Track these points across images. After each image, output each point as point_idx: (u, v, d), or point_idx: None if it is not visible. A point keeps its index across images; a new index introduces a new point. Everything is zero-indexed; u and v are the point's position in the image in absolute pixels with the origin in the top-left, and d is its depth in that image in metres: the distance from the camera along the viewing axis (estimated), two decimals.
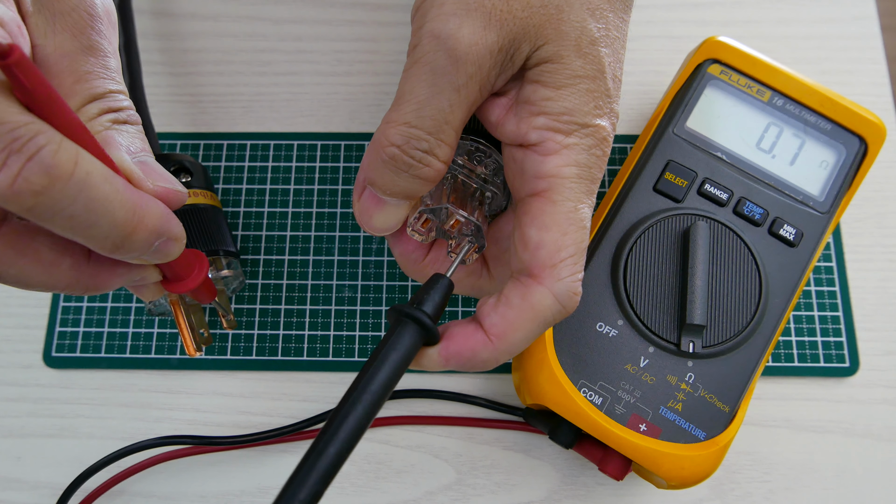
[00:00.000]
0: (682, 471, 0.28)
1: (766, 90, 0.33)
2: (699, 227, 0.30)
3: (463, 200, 0.26)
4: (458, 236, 0.26)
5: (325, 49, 0.40)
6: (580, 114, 0.24)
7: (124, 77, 0.34)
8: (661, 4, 0.41)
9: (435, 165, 0.23)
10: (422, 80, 0.23)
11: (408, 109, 0.23)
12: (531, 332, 0.23)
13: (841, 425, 0.34)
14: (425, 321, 0.22)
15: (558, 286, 0.23)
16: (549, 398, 0.28)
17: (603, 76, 0.24)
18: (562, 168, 0.23)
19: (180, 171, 0.33)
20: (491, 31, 0.22)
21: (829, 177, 0.32)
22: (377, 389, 0.21)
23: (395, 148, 0.23)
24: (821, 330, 0.35)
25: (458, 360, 0.24)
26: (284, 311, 0.35)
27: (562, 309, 0.23)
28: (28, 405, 0.35)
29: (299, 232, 0.36)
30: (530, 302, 0.23)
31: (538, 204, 0.24)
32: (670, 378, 0.29)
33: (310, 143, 0.38)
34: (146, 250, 0.21)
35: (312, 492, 0.19)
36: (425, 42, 0.23)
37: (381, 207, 0.25)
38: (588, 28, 0.24)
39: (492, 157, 0.27)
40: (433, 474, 0.33)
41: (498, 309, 0.24)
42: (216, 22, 0.41)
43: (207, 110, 0.39)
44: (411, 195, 0.24)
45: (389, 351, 0.22)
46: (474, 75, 0.22)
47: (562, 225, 0.23)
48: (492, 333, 0.23)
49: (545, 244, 0.23)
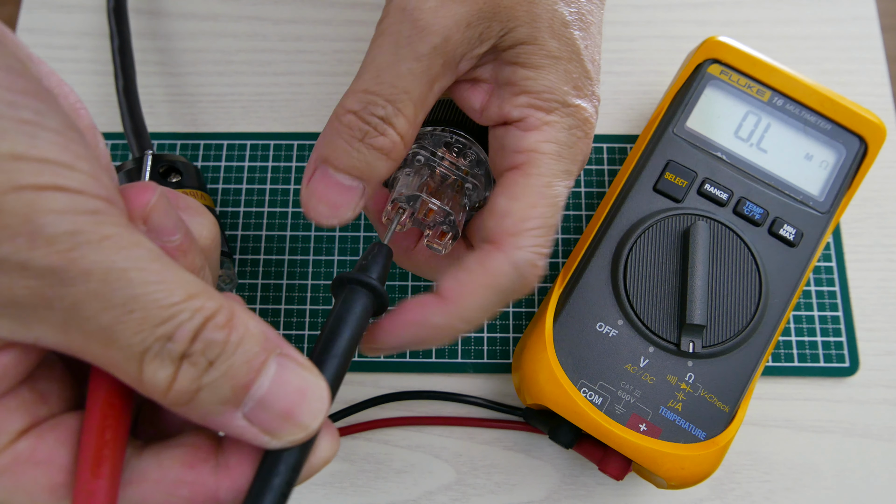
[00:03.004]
0: (682, 471, 0.28)
1: (766, 90, 0.33)
2: (699, 227, 0.30)
3: (440, 191, 0.26)
4: (434, 226, 0.26)
5: (325, 49, 0.40)
6: (561, 92, 0.24)
7: (118, 79, 0.34)
8: (661, 4, 0.41)
9: (391, 136, 0.22)
10: (384, 49, 0.22)
11: (367, 77, 0.22)
12: (486, 298, 0.23)
13: (841, 425, 0.34)
14: (374, 283, 0.22)
15: (518, 254, 0.23)
16: (549, 398, 0.28)
17: (579, 58, 0.24)
18: (541, 143, 0.24)
19: (171, 172, 0.33)
20: (460, 6, 0.22)
21: (829, 177, 0.32)
22: (340, 354, 0.20)
23: (351, 115, 0.22)
24: (821, 330, 0.35)
25: (408, 328, 0.23)
26: (284, 310, 0.35)
27: (519, 279, 0.23)
28: None
29: (299, 232, 0.36)
30: (487, 267, 0.23)
31: (513, 176, 0.24)
32: (670, 378, 0.29)
33: (310, 144, 0.38)
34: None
35: (294, 461, 0.18)
36: (392, 14, 0.22)
37: (332, 188, 0.22)
38: (559, 11, 0.24)
39: (472, 150, 0.28)
40: (433, 474, 0.33)
41: (454, 273, 0.23)
42: (216, 22, 0.41)
43: (207, 110, 0.39)
44: (366, 172, 0.22)
45: (344, 317, 0.21)
46: (438, 46, 0.22)
47: (532, 197, 0.23)
48: (445, 297, 0.23)
49: (511, 213, 0.23)
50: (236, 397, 0.17)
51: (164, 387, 0.16)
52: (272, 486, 0.18)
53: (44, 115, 0.16)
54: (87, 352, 0.16)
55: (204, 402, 0.17)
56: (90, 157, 0.16)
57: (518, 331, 0.35)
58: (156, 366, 0.16)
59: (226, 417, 0.17)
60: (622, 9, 0.41)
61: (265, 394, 0.17)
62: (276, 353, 0.17)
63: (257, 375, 0.17)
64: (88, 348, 0.16)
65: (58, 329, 0.16)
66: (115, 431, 0.17)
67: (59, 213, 0.15)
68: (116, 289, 0.15)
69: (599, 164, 0.38)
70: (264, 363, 0.17)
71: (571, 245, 0.36)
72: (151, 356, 0.16)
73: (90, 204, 0.16)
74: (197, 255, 0.20)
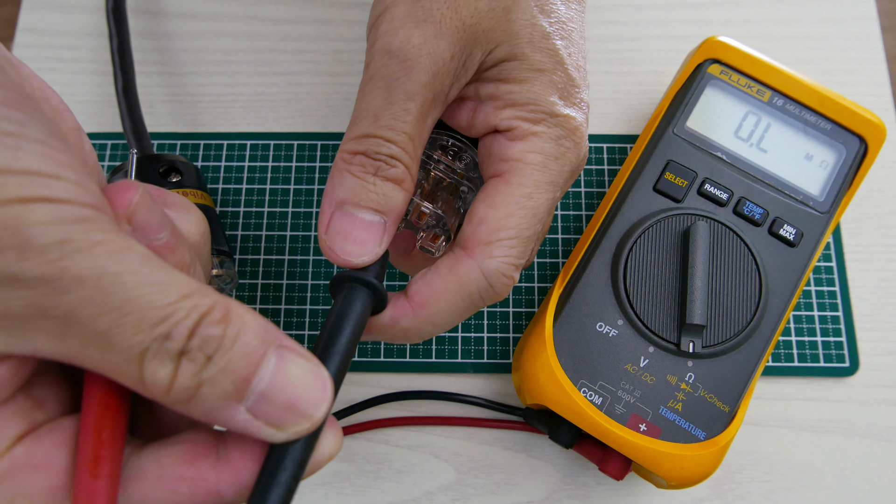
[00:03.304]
0: (682, 471, 0.28)
1: (766, 90, 0.33)
2: (699, 227, 0.30)
3: (434, 194, 0.26)
4: (427, 228, 0.26)
5: (325, 49, 0.40)
6: (547, 103, 0.24)
7: (117, 79, 0.34)
8: (661, 4, 0.41)
9: (401, 168, 0.23)
10: (376, 93, 0.22)
11: (364, 123, 0.23)
12: (454, 304, 0.23)
13: (841, 425, 0.34)
14: (373, 281, 0.22)
15: (488, 263, 0.23)
16: (549, 398, 0.28)
17: (563, 67, 0.24)
18: (526, 154, 0.24)
19: (171, 172, 0.33)
20: (442, 40, 0.22)
21: (829, 177, 0.32)
22: (342, 350, 0.20)
23: (359, 156, 0.22)
24: (821, 330, 0.35)
25: (378, 329, 0.23)
26: (284, 311, 0.35)
27: (488, 288, 0.23)
28: None
29: (299, 232, 0.36)
30: (457, 273, 0.23)
31: (495, 184, 0.24)
32: (670, 378, 0.29)
33: (310, 143, 0.38)
34: None
35: (300, 456, 0.18)
36: (378, 58, 0.23)
37: (356, 226, 0.22)
38: (538, 24, 0.24)
39: (468, 153, 0.28)
40: (433, 474, 0.33)
41: (425, 277, 0.23)
42: (216, 22, 0.41)
43: (207, 110, 0.39)
44: (386, 205, 0.23)
45: (345, 314, 0.21)
46: (428, 84, 0.22)
47: (510, 206, 0.23)
48: (413, 301, 0.23)
49: (487, 221, 0.23)
50: (238, 391, 0.17)
51: (166, 385, 0.16)
52: (279, 482, 0.18)
53: (25, 126, 0.16)
54: (85, 358, 0.16)
55: (206, 398, 0.17)
56: (75, 165, 0.16)
57: (518, 331, 0.35)
58: (155, 365, 0.16)
59: (229, 412, 0.17)
60: (622, 9, 0.41)
61: (267, 386, 0.17)
62: (276, 346, 0.17)
63: (257, 368, 0.17)
64: (87, 354, 0.16)
65: (55, 338, 0.16)
66: (112, 431, 0.17)
67: (47, 224, 0.15)
68: (111, 293, 0.15)
69: (599, 164, 0.38)
70: (263, 356, 0.17)
71: (571, 245, 0.36)
72: (150, 356, 0.16)
73: (77, 212, 0.16)
74: (186, 251, 0.20)
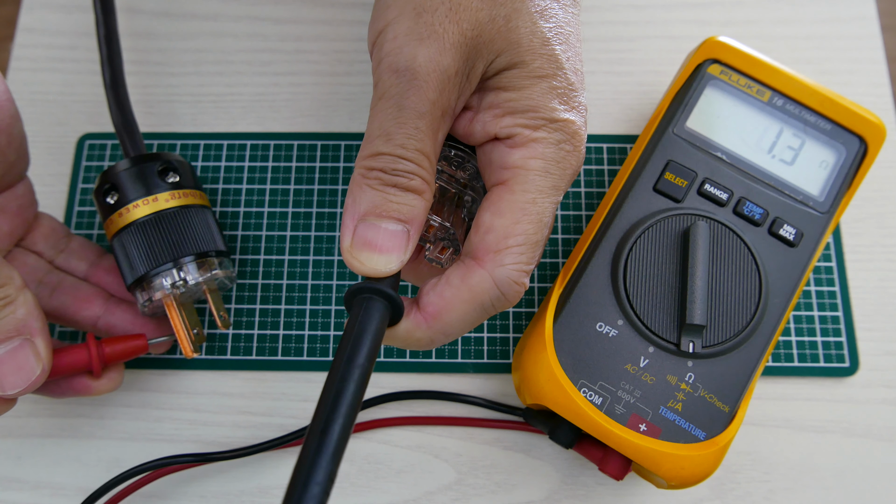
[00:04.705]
0: (682, 471, 0.28)
1: (766, 90, 0.33)
2: (699, 227, 0.30)
3: (440, 205, 0.26)
4: (435, 241, 0.27)
5: (325, 49, 0.40)
6: (546, 109, 0.24)
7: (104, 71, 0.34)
8: (661, 4, 0.41)
9: (418, 181, 0.23)
10: (388, 113, 0.23)
11: (378, 142, 0.23)
12: (467, 314, 0.23)
13: (841, 425, 0.34)
14: (391, 293, 0.22)
15: (499, 272, 0.23)
16: (549, 398, 0.28)
17: (563, 72, 0.24)
18: (528, 160, 0.24)
19: (168, 171, 0.32)
20: (446, 56, 0.23)
21: (829, 177, 0.32)
22: (363, 363, 0.20)
23: (376, 171, 0.23)
24: (821, 330, 0.35)
25: (392, 339, 0.24)
26: (284, 311, 0.35)
27: (500, 296, 0.23)
28: (28, 405, 0.35)
29: (299, 232, 0.36)
30: (468, 283, 0.23)
31: (498, 192, 0.24)
32: (670, 378, 0.29)
33: (310, 143, 0.38)
34: None
35: (328, 471, 0.18)
36: (385, 77, 0.23)
37: (381, 236, 0.23)
38: (538, 30, 0.24)
39: (471, 162, 0.28)
40: (433, 474, 0.33)
41: (437, 288, 0.24)
42: (216, 22, 0.41)
43: (207, 110, 0.39)
44: (409, 214, 0.23)
45: (366, 326, 0.21)
46: (436, 101, 0.23)
47: (516, 213, 0.23)
48: (426, 312, 0.23)
49: (494, 229, 0.23)
50: None
51: None
52: None
53: None
54: None
55: None
56: None
57: (518, 331, 0.35)
58: None
59: None
60: (622, 9, 0.41)
61: None
62: (24, 338, 0.26)
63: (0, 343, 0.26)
64: None
65: None
66: None
67: None
68: None
69: (599, 164, 0.38)
70: (9, 339, 0.26)
71: (571, 245, 0.36)
72: None
73: None
74: None
